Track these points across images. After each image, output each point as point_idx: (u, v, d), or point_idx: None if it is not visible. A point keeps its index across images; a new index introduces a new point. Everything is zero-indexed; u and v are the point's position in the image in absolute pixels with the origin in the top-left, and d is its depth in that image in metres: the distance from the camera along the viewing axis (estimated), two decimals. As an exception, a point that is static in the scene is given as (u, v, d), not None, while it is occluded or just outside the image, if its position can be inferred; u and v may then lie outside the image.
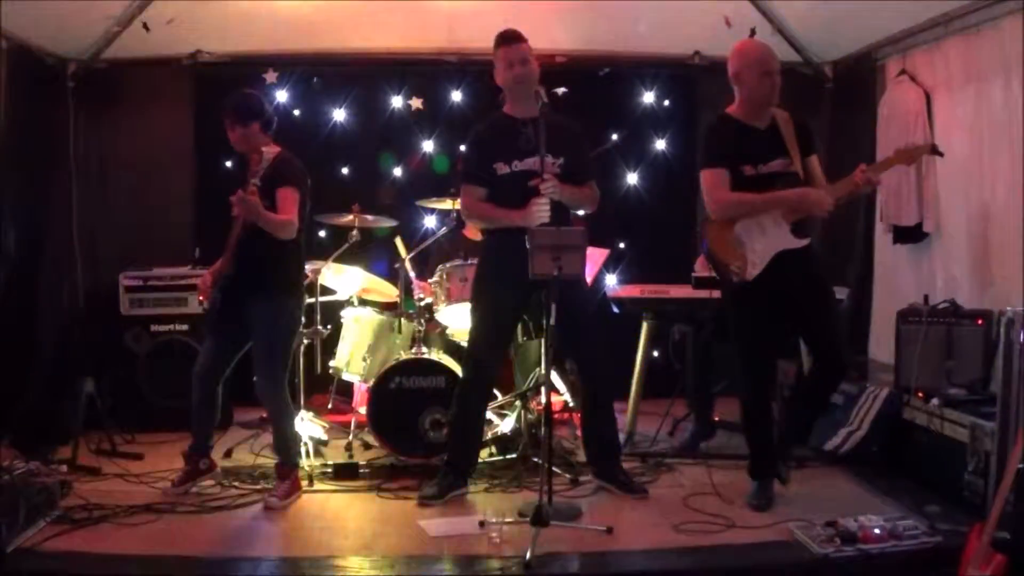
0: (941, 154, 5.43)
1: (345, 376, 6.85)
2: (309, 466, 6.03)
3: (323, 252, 6.69)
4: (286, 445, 5.72)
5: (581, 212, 5.85)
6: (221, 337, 5.72)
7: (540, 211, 5.34)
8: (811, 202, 5.24)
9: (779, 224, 5.27)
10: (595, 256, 6.96)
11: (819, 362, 5.58)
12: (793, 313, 5.44)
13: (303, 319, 5.95)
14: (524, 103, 5.56)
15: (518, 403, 6.39)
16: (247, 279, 5.51)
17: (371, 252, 7.53)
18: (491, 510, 5.27)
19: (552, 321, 4.95)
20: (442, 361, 6.32)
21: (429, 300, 6.63)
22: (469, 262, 6.29)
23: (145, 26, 7.06)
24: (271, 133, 5.69)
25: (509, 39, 5.62)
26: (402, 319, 6.67)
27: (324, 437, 6.67)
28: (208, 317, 5.62)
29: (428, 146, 8.18)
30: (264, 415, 6.93)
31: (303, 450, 6.11)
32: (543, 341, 5.22)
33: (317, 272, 6.50)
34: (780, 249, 5.28)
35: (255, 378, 5.65)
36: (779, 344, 5.78)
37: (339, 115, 8.12)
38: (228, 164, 7.77)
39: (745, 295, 5.37)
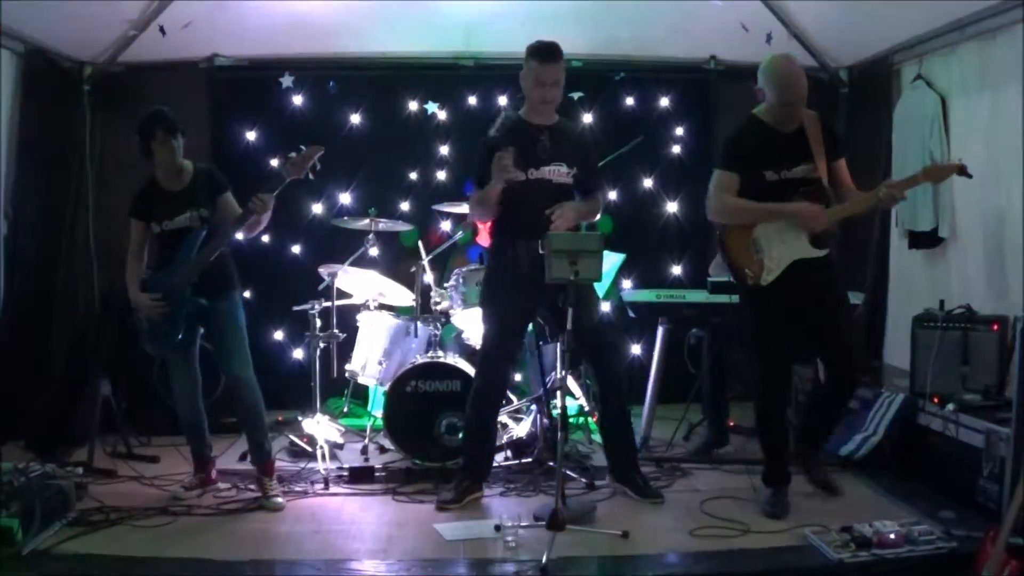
0: (970, 175, 5.38)
1: (361, 380, 6.85)
2: (325, 469, 6.05)
3: (340, 256, 6.69)
4: (267, 435, 5.78)
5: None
6: (188, 349, 5.73)
7: (504, 170, 5.32)
8: (805, 218, 5.26)
9: (799, 234, 5.27)
10: (610, 261, 6.96)
11: (830, 371, 5.60)
12: (807, 320, 5.43)
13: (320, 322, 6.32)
14: (544, 112, 5.55)
15: (533, 407, 6.39)
16: (213, 282, 5.56)
17: (388, 256, 7.55)
18: (507, 514, 5.25)
19: (569, 325, 4.97)
20: (458, 365, 6.32)
21: (445, 304, 6.65)
22: (485, 266, 6.30)
23: (162, 29, 7.09)
24: None
25: (548, 57, 5.45)
26: (418, 323, 6.68)
27: (340, 440, 6.67)
28: (172, 333, 5.55)
29: (444, 150, 8.18)
30: (280, 418, 6.99)
31: (319, 453, 6.14)
32: (558, 345, 5.22)
33: (334, 276, 6.52)
34: (797, 257, 5.28)
35: (233, 372, 5.62)
36: (796, 349, 5.76)
37: (355, 119, 8.11)
38: (245, 167, 7.75)
39: (763, 298, 5.38)
